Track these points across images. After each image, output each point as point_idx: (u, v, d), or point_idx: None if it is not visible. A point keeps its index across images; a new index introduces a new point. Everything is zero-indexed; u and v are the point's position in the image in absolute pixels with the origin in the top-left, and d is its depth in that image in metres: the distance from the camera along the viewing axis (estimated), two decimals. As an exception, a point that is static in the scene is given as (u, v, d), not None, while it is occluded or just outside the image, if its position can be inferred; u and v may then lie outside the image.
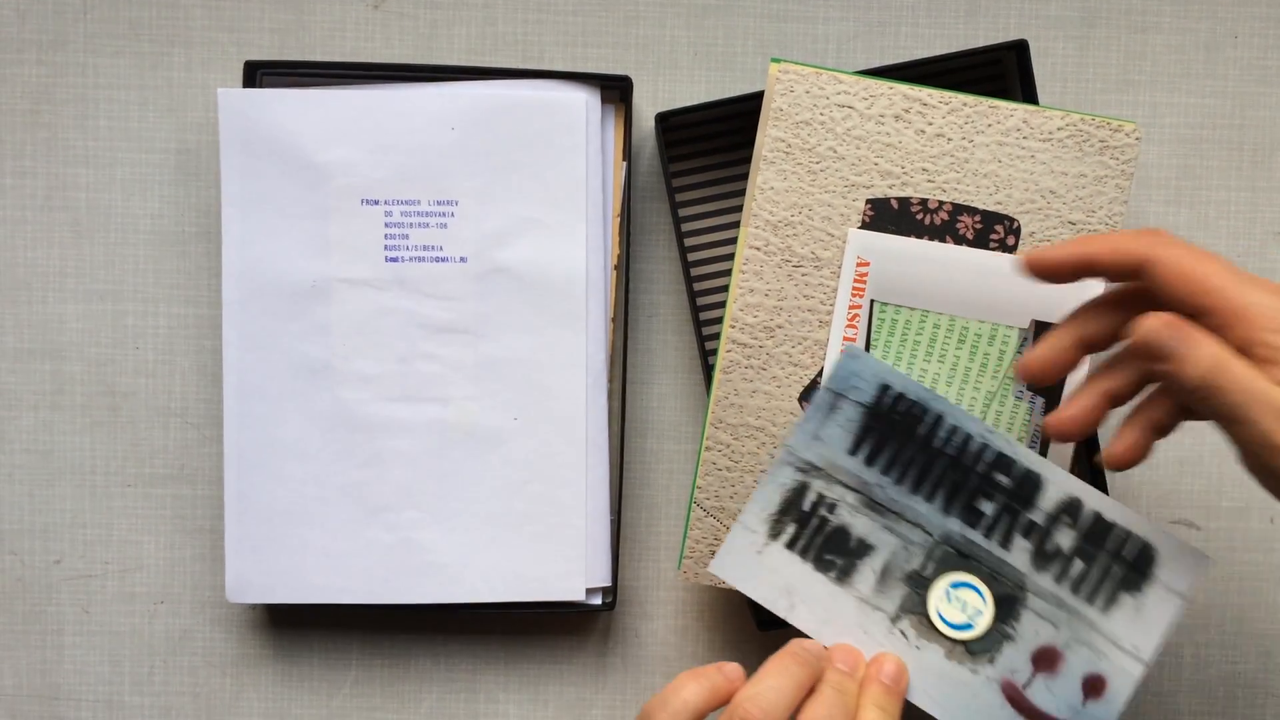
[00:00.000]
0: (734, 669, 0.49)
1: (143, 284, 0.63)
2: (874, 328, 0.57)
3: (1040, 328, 0.56)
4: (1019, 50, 0.59)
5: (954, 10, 0.63)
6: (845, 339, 0.57)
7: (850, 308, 0.57)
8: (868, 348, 0.57)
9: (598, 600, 0.61)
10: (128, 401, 0.63)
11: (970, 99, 0.56)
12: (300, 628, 0.63)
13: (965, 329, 0.57)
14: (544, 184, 0.59)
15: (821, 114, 0.56)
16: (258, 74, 0.60)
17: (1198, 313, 0.46)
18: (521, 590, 0.60)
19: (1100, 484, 0.61)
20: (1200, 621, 0.64)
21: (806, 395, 0.57)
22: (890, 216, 0.57)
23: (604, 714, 0.64)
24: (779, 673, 0.48)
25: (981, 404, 0.57)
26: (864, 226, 0.57)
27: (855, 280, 0.57)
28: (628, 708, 0.64)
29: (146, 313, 0.63)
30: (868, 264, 0.56)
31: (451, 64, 0.62)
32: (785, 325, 0.57)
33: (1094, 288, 0.54)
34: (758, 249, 0.57)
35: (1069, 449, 0.57)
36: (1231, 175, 0.63)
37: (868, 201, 0.57)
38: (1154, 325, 0.46)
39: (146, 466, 0.63)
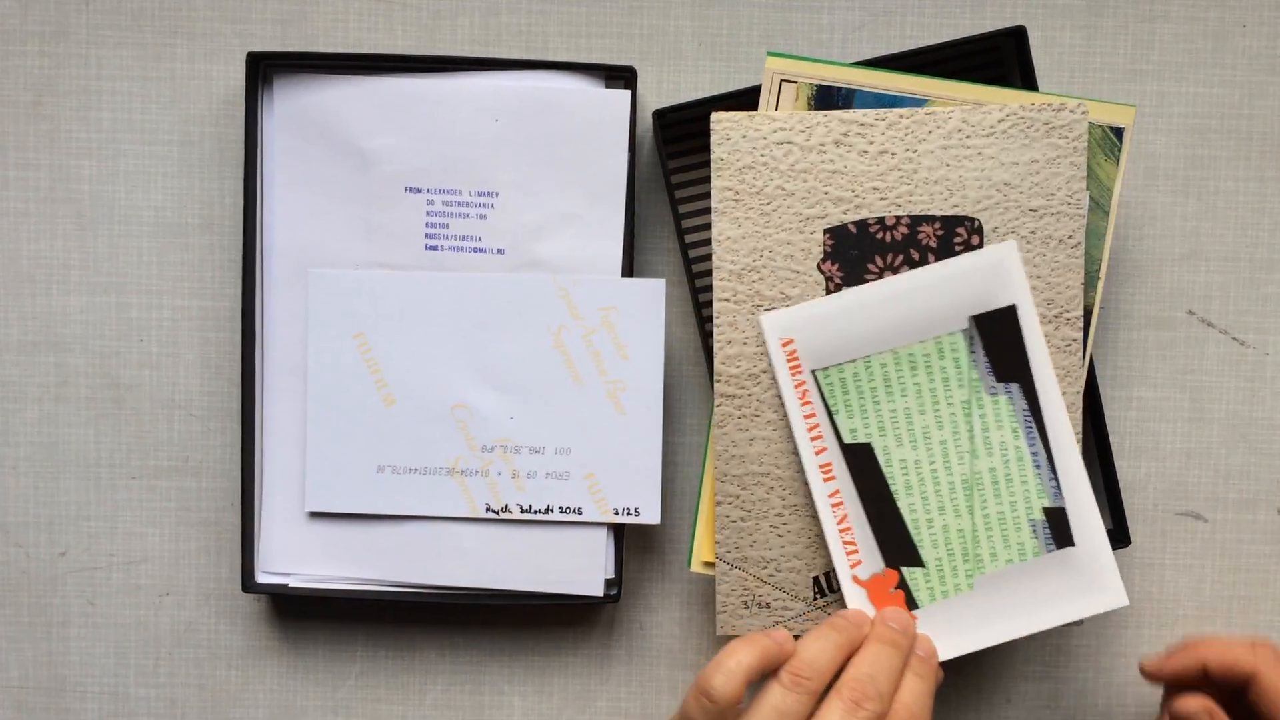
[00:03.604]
0: (784, 635, 0.52)
1: (146, 276, 0.63)
2: (827, 395, 0.56)
3: (980, 323, 0.56)
4: (1017, 37, 0.59)
5: (960, -1, 0.62)
6: (806, 416, 0.56)
7: (796, 386, 0.56)
8: (830, 416, 0.56)
9: (602, 592, 0.61)
10: (132, 394, 0.63)
11: (905, 111, 0.56)
12: (306, 619, 0.63)
13: (912, 356, 0.56)
14: (584, 180, 0.59)
15: (762, 155, 0.56)
16: (261, 65, 0.59)
17: None
18: (541, 581, 0.60)
19: (1110, 470, 0.60)
20: (1208, 614, 0.64)
21: None
22: (851, 241, 0.56)
23: (608, 706, 0.64)
24: (823, 637, 0.52)
25: (962, 414, 0.56)
26: (826, 257, 0.56)
27: (788, 361, 0.56)
28: (632, 700, 0.64)
29: (150, 305, 0.63)
30: (791, 340, 0.56)
31: (455, 54, 0.62)
32: (769, 369, 0.57)
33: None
34: (727, 300, 0.56)
35: (1071, 440, 0.57)
36: (1239, 165, 0.63)
37: (825, 231, 0.56)
38: (1192, 708, 0.53)
39: (151, 459, 0.63)
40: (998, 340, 0.56)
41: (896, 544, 0.56)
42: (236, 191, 0.62)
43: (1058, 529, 0.56)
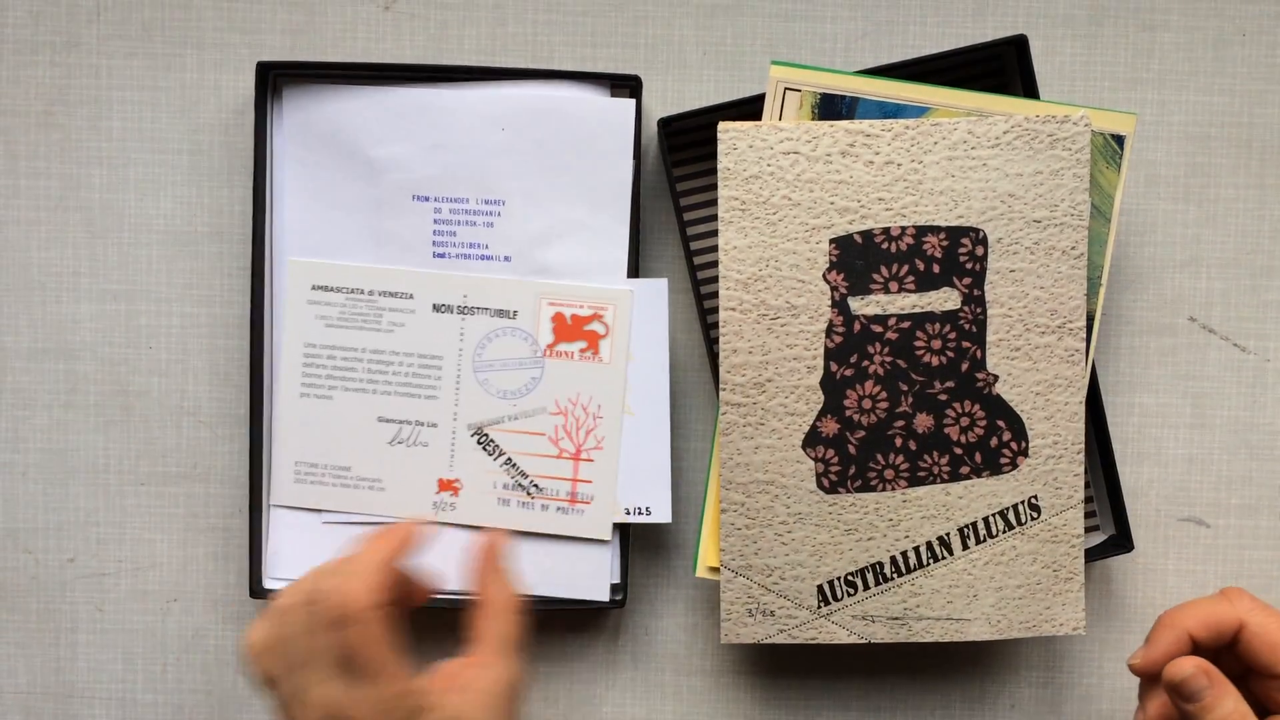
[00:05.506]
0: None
1: (156, 284, 0.63)
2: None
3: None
4: (1019, 46, 0.59)
5: (962, 8, 0.63)
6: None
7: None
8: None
9: (608, 597, 0.61)
10: (141, 401, 0.63)
11: (911, 122, 0.56)
12: (312, 625, 0.64)
13: None
14: (589, 187, 0.60)
15: (769, 165, 0.57)
16: (270, 75, 0.60)
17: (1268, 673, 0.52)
18: (547, 586, 0.61)
19: (1113, 476, 0.61)
20: (1210, 618, 0.64)
21: (809, 442, 0.57)
22: (856, 252, 0.57)
23: (613, 711, 0.64)
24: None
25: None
26: (831, 266, 0.57)
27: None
28: (637, 705, 0.64)
29: (159, 312, 0.63)
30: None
31: (462, 64, 0.62)
32: (775, 378, 0.57)
33: None
34: (733, 309, 0.57)
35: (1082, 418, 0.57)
36: (1239, 173, 0.63)
37: (831, 241, 0.57)
38: (1185, 670, 0.51)
39: (159, 465, 0.63)
40: None
41: None
42: (245, 200, 0.63)
43: None
